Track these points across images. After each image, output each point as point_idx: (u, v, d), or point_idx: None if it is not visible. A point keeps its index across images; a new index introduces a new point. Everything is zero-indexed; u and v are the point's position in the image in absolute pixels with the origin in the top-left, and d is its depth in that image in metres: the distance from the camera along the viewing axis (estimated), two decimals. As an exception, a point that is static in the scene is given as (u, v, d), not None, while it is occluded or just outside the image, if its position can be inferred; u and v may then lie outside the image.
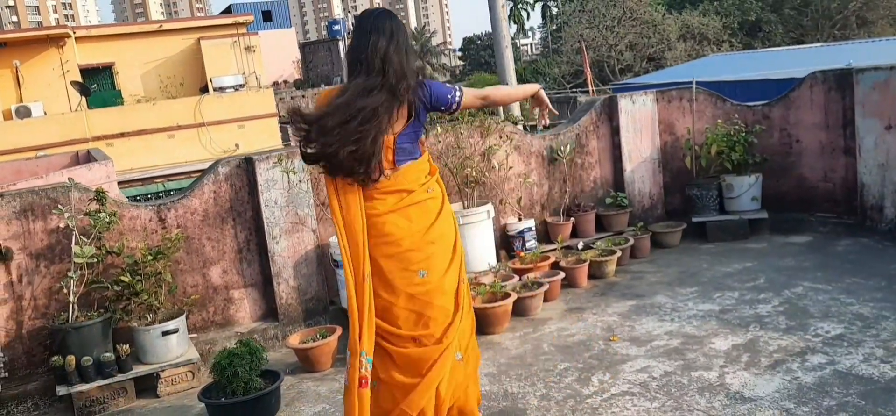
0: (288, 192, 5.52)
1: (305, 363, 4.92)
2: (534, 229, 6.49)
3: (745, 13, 34.15)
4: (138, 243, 5.11)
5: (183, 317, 5.00)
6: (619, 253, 6.18)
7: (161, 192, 17.59)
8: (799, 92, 6.69)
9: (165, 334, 4.85)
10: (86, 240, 4.78)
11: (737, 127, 6.74)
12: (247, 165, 5.55)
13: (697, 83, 7.23)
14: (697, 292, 5.42)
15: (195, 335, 5.37)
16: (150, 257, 4.91)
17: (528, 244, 6.40)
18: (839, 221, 6.51)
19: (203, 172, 5.63)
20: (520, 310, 5.35)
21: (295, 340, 5.02)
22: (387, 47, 2.93)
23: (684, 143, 7.13)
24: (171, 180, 17.90)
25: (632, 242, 6.48)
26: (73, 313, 4.71)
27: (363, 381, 2.98)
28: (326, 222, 5.75)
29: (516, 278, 5.70)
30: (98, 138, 18.35)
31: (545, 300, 5.55)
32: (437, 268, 3.06)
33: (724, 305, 5.08)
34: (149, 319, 4.91)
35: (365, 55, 2.94)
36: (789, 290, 5.20)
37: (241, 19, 23.52)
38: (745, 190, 6.73)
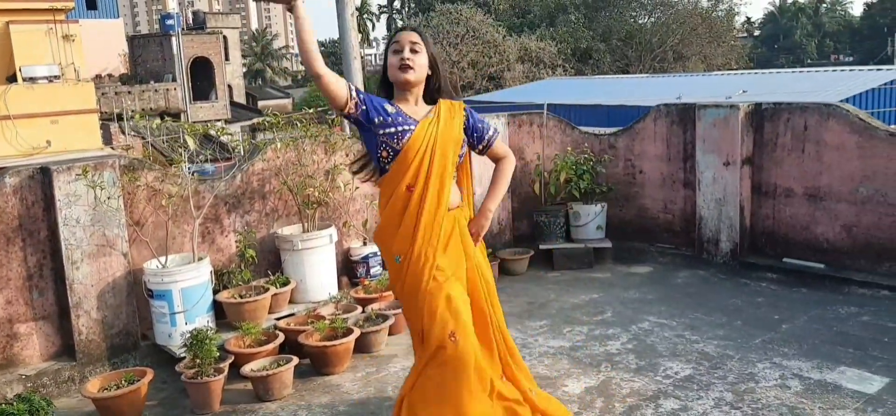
0: (94, 209, 4.71)
1: (106, 415, 4.15)
2: (379, 254, 6.05)
3: (577, 41, 35.98)
4: None
5: (-52, 361, 4.06)
6: (467, 282, 5.89)
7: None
8: (644, 124, 6.78)
9: (-78, 383, 3.90)
10: None
11: (586, 155, 6.71)
12: (42, 177, 4.67)
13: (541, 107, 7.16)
14: (547, 327, 5.23)
15: (-34, 380, 4.42)
16: None
17: (372, 271, 5.96)
18: (678, 252, 6.63)
19: (-16, 183, 4.68)
20: (362, 346, 4.89)
21: (93, 387, 4.23)
22: None
23: (534, 168, 7.01)
24: (-32, 178, 15.77)
25: (480, 269, 6.22)
26: None
27: None
28: (140, 244, 4.99)
29: (359, 308, 5.23)
30: None
31: (390, 334, 5.13)
32: None
33: (574, 341, 4.92)
34: None
35: None
36: (636, 325, 5.14)
37: (58, 5, 21.27)
38: (592, 219, 6.70)
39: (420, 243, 2.97)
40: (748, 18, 76.16)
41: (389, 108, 2.98)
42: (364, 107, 2.95)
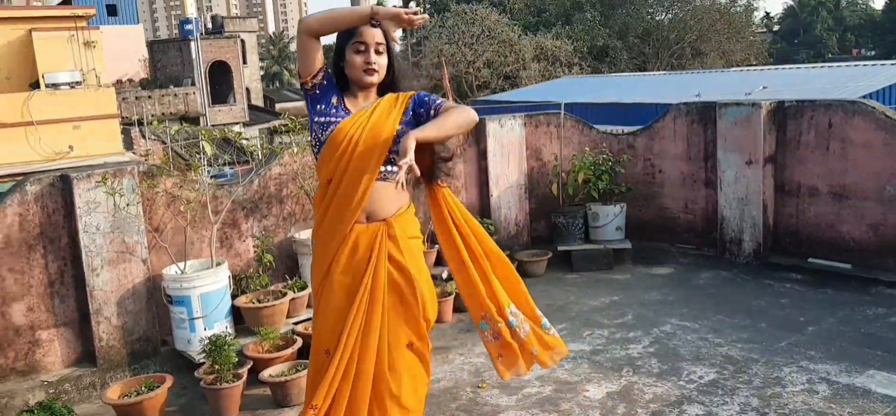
0: (113, 216, 4.72)
1: (127, 421, 4.16)
2: (396, 257, 6.02)
3: (593, 39, 35.74)
4: (-87, 276, 4.15)
5: (-30, 368, 4.09)
6: (485, 285, 5.83)
7: (-22, 196, 15.76)
8: (663, 123, 6.70)
9: (-55, 390, 3.93)
10: None
11: (604, 155, 6.65)
12: (62, 184, 4.70)
13: (561, 107, 7.10)
14: (567, 330, 5.17)
15: (-11, 387, 4.45)
16: (-73, 295, 3.99)
17: (390, 274, 5.92)
18: (699, 252, 6.54)
19: (6, 192, 4.71)
20: (381, 351, 4.86)
21: (114, 393, 4.24)
22: None
23: (551, 169, 6.96)
24: (-7, 183, 16.01)
25: (498, 272, 6.17)
26: None
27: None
28: (159, 250, 5.00)
29: (377, 313, 5.20)
30: None
31: (408, 339, 5.09)
32: None
33: (595, 345, 4.86)
34: (-77, 372, 3.97)
35: None
36: (658, 328, 5.07)
37: (80, 12, 21.49)
38: (611, 219, 6.63)
39: (323, 239, 2.79)
40: (767, 13, 75.36)
41: (335, 100, 2.79)
42: (319, 91, 2.78)
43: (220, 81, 37.96)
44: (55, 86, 18.83)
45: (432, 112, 2.73)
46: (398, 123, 2.73)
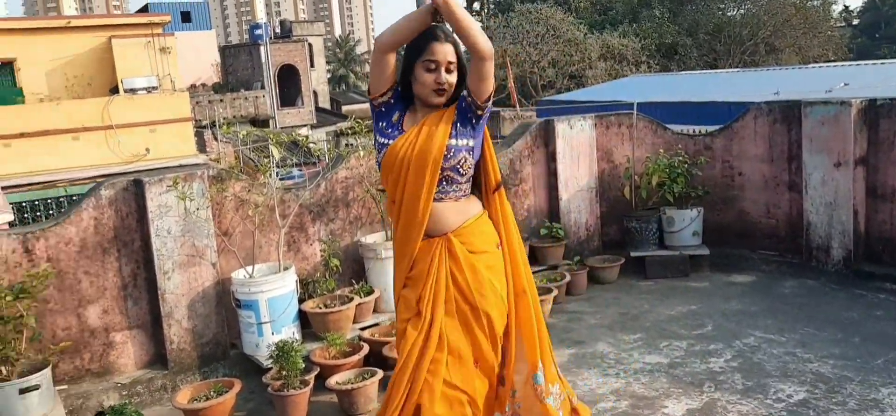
0: (184, 220, 4.76)
1: (197, 426, 4.17)
2: (464, 262, 5.90)
3: (662, 36, 34.87)
4: (-5, 279, 4.25)
5: (48, 369, 4.16)
6: (555, 292, 5.66)
7: (62, 197, 16.46)
8: (742, 123, 6.38)
9: (24, 391, 4.01)
10: (-78, 278, 3.91)
11: (679, 157, 6.37)
12: (135, 189, 4.76)
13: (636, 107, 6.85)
14: (642, 340, 4.95)
15: (65, 387, 4.54)
16: (8, 297, 4.08)
17: (457, 280, 5.81)
18: (783, 259, 6.20)
19: (82, 196, 4.81)
20: (448, 359, 4.75)
21: (183, 397, 4.26)
22: None
23: (624, 172, 6.71)
24: (75, 185, 16.72)
25: (568, 278, 5.99)
26: None
27: None
28: (228, 254, 5.02)
29: (445, 320, 5.09)
30: (-6, 138, 16.88)
31: (476, 346, 4.97)
32: None
33: (673, 357, 4.62)
34: (4, 372, 4.06)
35: None
36: (740, 340, 4.79)
37: (156, 19, 22.22)
38: (687, 224, 6.36)
39: (398, 253, 2.80)
40: (846, 7, 72.18)
41: (395, 117, 2.74)
42: (384, 108, 2.74)
43: (289, 84, 38.71)
44: (133, 91, 19.52)
45: (469, 87, 2.65)
46: (448, 135, 2.64)
